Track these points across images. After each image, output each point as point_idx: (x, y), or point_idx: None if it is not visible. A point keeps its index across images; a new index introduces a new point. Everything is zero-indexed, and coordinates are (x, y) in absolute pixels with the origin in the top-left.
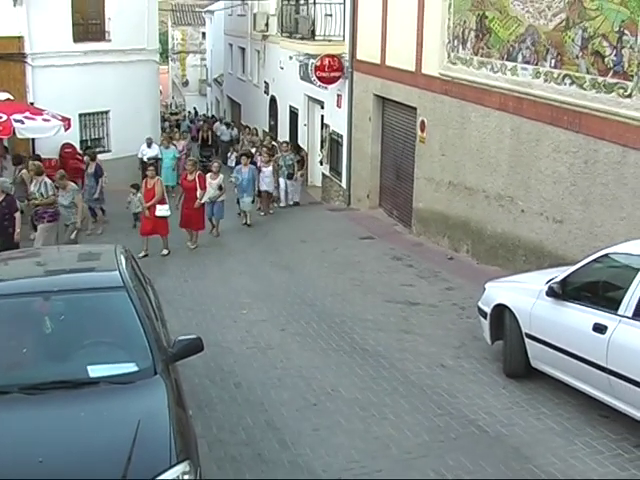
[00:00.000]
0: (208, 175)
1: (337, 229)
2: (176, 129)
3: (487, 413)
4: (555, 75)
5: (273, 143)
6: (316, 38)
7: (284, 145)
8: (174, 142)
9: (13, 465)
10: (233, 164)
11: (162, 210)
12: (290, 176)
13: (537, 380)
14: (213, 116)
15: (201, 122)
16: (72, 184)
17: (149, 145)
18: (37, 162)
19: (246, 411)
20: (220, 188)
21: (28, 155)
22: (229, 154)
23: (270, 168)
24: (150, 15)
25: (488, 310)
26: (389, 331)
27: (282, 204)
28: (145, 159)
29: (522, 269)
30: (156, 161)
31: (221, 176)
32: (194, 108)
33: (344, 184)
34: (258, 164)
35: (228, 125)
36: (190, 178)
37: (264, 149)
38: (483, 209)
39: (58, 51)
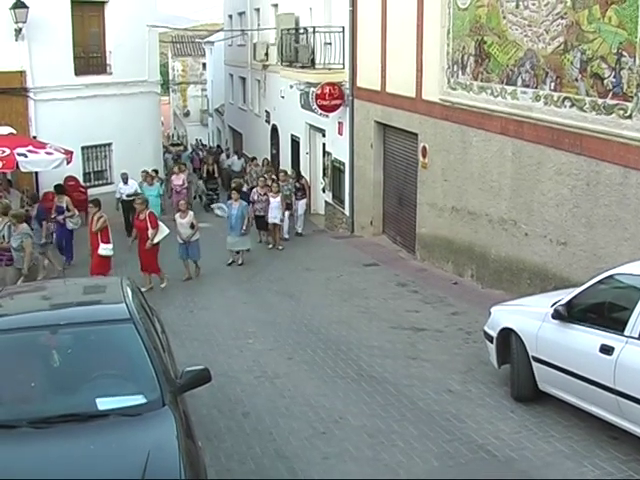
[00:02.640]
0: (177, 214)
1: (341, 256)
2: (178, 160)
3: (496, 437)
4: (555, 98)
5: (273, 177)
6: (316, 66)
7: (282, 174)
8: (175, 174)
9: None
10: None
11: (105, 250)
12: (289, 207)
13: (545, 403)
14: (218, 146)
15: (205, 153)
16: (24, 226)
17: (125, 181)
18: (5, 201)
19: (255, 441)
20: (192, 226)
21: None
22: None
23: (278, 199)
24: (150, 47)
25: (494, 334)
26: (396, 357)
27: (286, 236)
28: (124, 197)
29: (527, 292)
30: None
31: (191, 213)
32: (199, 140)
33: (347, 211)
34: (256, 197)
35: (238, 155)
36: (141, 217)
37: (271, 179)
38: (487, 233)
39: (60, 85)
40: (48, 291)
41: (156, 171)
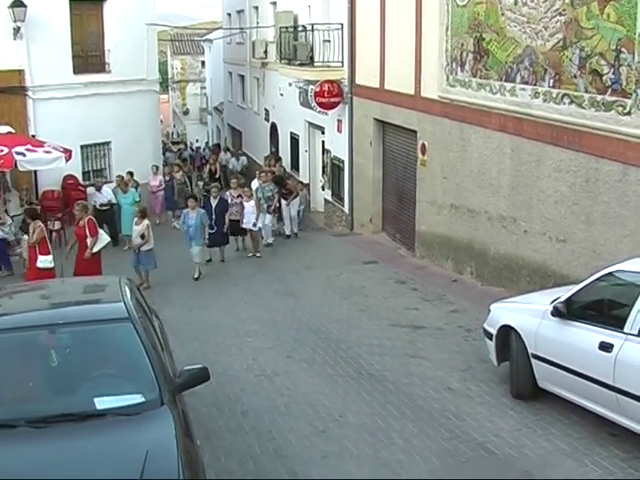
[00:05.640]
0: (135, 219)
1: (341, 254)
2: (178, 159)
3: (496, 435)
4: (554, 95)
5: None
6: (315, 64)
7: (263, 175)
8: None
9: None
10: (229, 199)
11: (44, 261)
12: (269, 209)
13: (545, 400)
14: (218, 144)
15: (208, 152)
16: None
17: (98, 189)
18: None
19: (254, 439)
20: (142, 236)
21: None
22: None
23: (252, 203)
24: (149, 46)
25: (494, 331)
26: (395, 355)
27: (267, 241)
28: (97, 206)
29: (526, 289)
30: (111, 207)
31: (144, 222)
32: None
33: (347, 209)
34: (230, 200)
35: (237, 156)
36: (81, 224)
37: (237, 181)
38: (486, 231)
39: (58, 83)
40: (46, 290)
41: (131, 173)
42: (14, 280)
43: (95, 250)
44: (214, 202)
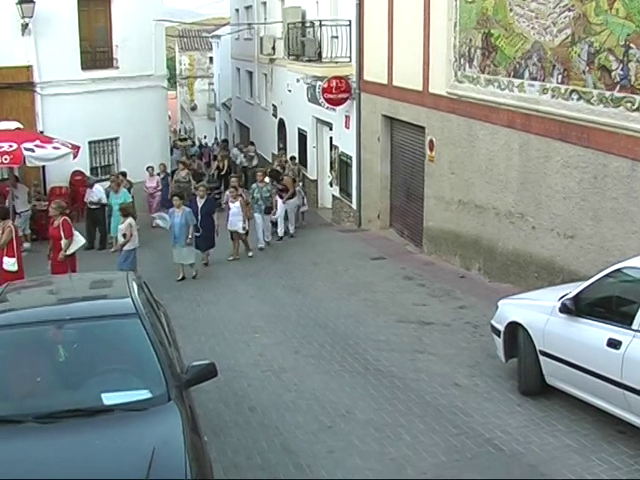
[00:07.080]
0: (120, 220)
1: (348, 250)
2: (185, 157)
3: (503, 431)
4: (562, 91)
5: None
6: (323, 60)
7: (259, 174)
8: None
9: None
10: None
11: (7, 264)
12: (268, 210)
13: (552, 397)
14: (226, 140)
15: (219, 148)
16: None
17: (90, 187)
18: None
19: (261, 435)
20: (124, 236)
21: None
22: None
23: (237, 204)
24: (157, 41)
25: (501, 328)
26: (402, 351)
27: (260, 244)
28: (88, 204)
29: (534, 286)
30: (102, 207)
31: (128, 220)
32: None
33: (354, 205)
34: (227, 200)
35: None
36: (55, 224)
37: (233, 180)
38: (494, 227)
39: (66, 79)
40: (54, 286)
41: (124, 174)
42: None
43: (69, 252)
44: (200, 202)
